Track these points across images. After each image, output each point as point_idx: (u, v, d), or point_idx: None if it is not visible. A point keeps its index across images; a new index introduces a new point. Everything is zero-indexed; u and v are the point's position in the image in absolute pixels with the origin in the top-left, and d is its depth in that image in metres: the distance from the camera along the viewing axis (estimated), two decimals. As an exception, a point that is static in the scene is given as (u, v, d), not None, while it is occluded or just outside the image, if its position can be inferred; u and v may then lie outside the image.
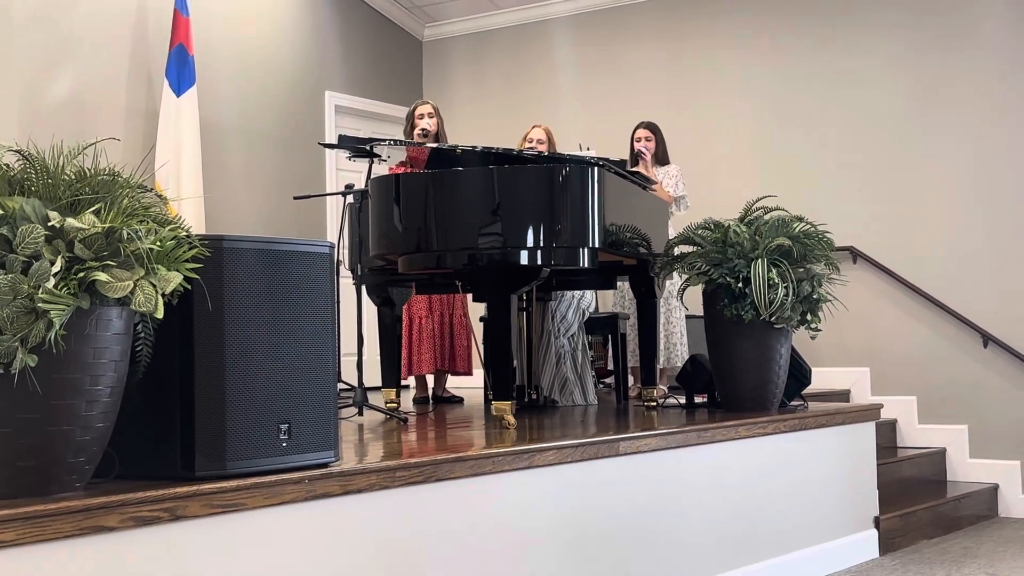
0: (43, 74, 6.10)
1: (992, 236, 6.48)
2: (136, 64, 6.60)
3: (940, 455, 6.52)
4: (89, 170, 2.50)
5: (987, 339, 6.43)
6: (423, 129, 5.77)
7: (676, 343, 6.18)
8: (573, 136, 6.96)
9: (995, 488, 6.34)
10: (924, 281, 6.63)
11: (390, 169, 5.77)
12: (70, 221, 2.38)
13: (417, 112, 6.00)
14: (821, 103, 7.05)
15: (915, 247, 6.70)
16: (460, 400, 6.15)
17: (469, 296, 5.91)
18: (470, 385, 6.41)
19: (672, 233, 5.58)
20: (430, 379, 6.25)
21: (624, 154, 6.29)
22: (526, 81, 8.23)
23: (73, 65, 6.26)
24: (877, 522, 5.21)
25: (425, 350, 6.00)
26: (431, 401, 6.14)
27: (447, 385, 6.35)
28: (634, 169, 5.71)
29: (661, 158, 6.33)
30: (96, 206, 2.45)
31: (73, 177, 2.48)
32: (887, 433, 6.49)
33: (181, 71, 6.52)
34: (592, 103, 7.89)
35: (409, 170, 5.73)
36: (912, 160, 6.74)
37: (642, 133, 6.32)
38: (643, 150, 6.21)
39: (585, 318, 5.83)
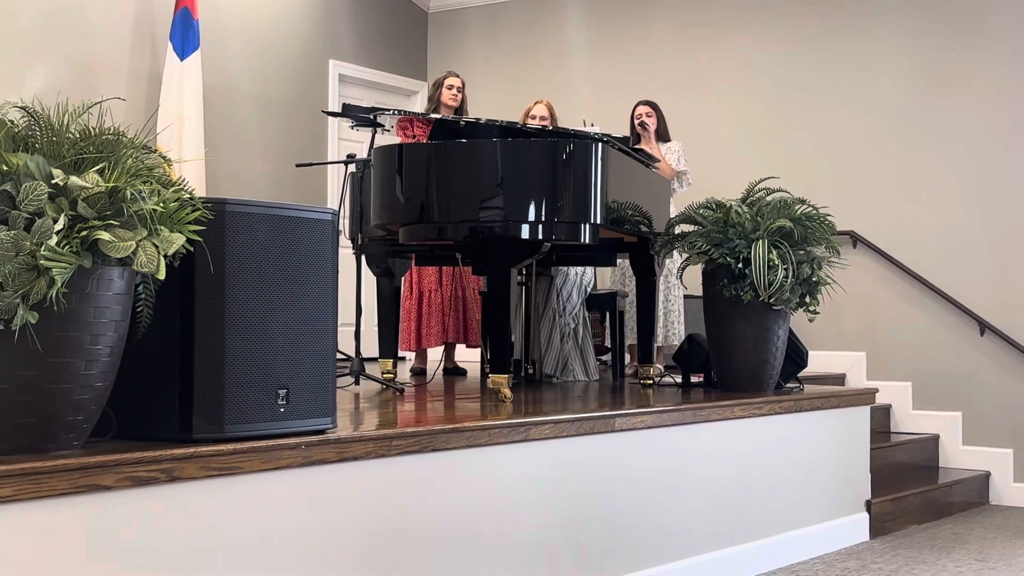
0: (48, 34, 6.07)
1: (992, 225, 6.48)
2: (140, 26, 6.56)
3: (933, 441, 6.54)
4: (94, 129, 2.49)
5: (984, 327, 6.44)
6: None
7: (674, 322, 6.18)
8: (578, 112, 6.93)
9: (987, 475, 6.36)
10: (923, 268, 6.63)
11: (399, 132, 5.80)
12: (74, 179, 2.38)
13: (447, 83, 6.03)
14: (826, 86, 7.02)
15: (915, 234, 6.69)
16: (464, 372, 6.16)
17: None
18: (475, 359, 6.39)
19: (674, 212, 5.58)
20: (431, 352, 6.25)
21: (628, 132, 6.27)
22: (532, 55, 8.19)
23: (77, 25, 6.23)
24: (869, 506, 5.24)
25: (434, 323, 6.00)
26: (444, 373, 6.11)
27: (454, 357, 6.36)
28: (638, 146, 5.70)
29: (662, 135, 6.32)
30: (100, 165, 2.44)
31: (78, 136, 2.47)
32: (881, 418, 6.50)
33: (185, 35, 6.48)
34: (598, 80, 7.86)
35: (412, 134, 5.77)
36: (915, 146, 6.73)
37: (642, 110, 6.31)
38: (646, 123, 6.20)
39: (586, 295, 5.84)
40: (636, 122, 6.26)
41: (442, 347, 6.15)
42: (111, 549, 2.44)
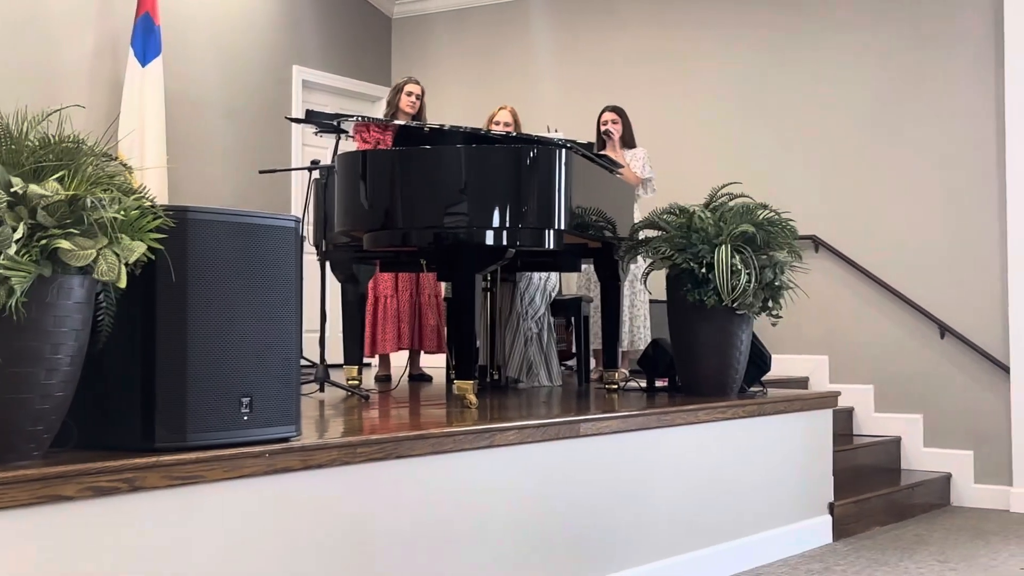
0: (7, 40, 6.01)
1: (951, 229, 6.55)
2: (101, 32, 6.51)
3: (895, 443, 6.60)
4: (53, 137, 2.47)
5: (944, 330, 6.51)
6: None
7: (639, 327, 6.21)
8: (544, 116, 6.96)
9: (948, 477, 6.43)
10: (884, 272, 6.70)
11: (358, 139, 5.77)
12: (33, 188, 2.35)
13: (406, 89, 6.02)
14: (790, 92, 7.08)
15: (876, 238, 6.76)
16: (429, 379, 6.15)
17: (438, 274, 5.90)
18: (440, 365, 6.39)
19: (638, 217, 5.61)
20: (394, 357, 6.24)
21: (593, 137, 6.30)
22: (497, 60, 8.20)
23: (38, 31, 6.17)
24: (831, 508, 5.28)
25: (389, 329, 5.99)
26: (409, 380, 6.09)
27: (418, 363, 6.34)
28: (602, 152, 5.72)
29: (628, 141, 6.35)
30: (60, 173, 2.42)
31: (37, 143, 2.45)
32: (844, 421, 6.56)
33: (147, 41, 6.44)
34: (563, 83, 7.87)
35: (370, 139, 5.75)
36: (876, 152, 6.80)
37: (608, 116, 6.34)
38: (611, 131, 6.23)
39: (550, 300, 5.85)
40: (602, 129, 6.29)
41: (399, 352, 6.14)
42: (72, 561, 2.41)
